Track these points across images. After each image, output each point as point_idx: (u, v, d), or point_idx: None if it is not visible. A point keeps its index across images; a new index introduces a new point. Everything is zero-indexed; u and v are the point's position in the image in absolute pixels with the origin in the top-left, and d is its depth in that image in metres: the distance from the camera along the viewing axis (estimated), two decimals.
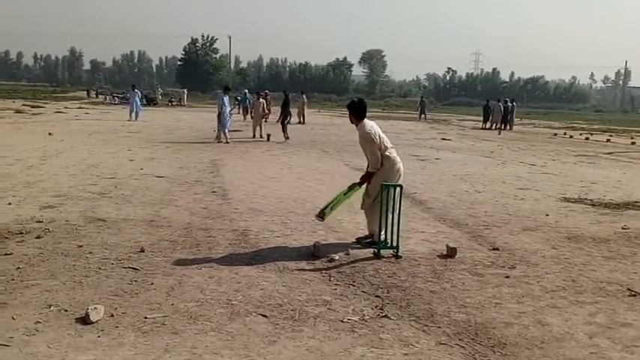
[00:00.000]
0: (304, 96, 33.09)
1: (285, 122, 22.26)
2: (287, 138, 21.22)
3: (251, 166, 13.92)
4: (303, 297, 5.08)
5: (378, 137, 6.82)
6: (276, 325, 4.43)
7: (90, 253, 6.12)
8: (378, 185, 6.66)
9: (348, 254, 6.44)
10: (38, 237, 6.61)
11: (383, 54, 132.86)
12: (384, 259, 6.31)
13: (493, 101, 37.40)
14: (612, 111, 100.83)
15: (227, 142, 19.36)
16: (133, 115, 29.94)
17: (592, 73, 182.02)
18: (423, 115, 44.90)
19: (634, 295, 5.45)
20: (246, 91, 34.84)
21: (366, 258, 6.36)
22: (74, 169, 11.98)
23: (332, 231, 7.56)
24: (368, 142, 6.84)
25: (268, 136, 21.34)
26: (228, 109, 20.46)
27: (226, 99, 20.57)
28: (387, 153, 6.88)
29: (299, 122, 31.00)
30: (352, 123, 7.11)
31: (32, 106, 37.62)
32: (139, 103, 31.13)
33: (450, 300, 5.15)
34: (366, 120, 7.00)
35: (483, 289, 5.47)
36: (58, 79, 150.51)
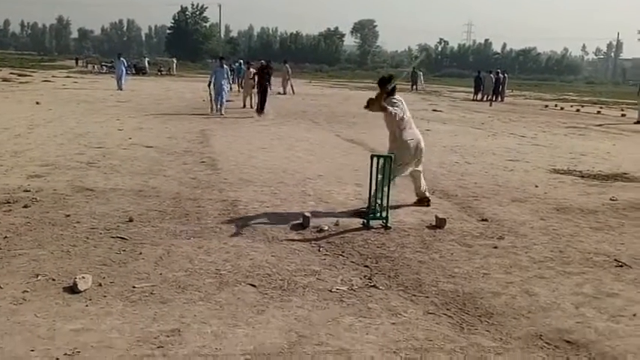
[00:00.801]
0: (287, 65, 32.26)
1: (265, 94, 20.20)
2: (260, 112, 19.38)
3: (241, 136, 13.85)
4: (292, 267, 5.08)
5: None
6: (265, 294, 4.44)
7: (78, 222, 6.09)
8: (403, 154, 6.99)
9: (337, 225, 6.44)
10: (25, 206, 6.56)
11: (375, 24, 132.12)
12: (373, 230, 6.31)
13: (484, 72, 37.27)
14: (604, 83, 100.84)
15: (221, 114, 18.52)
16: (120, 83, 29.48)
17: (584, 45, 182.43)
18: (415, 86, 44.73)
19: (620, 266, 5.49)
20: (241, 61, 34.28)
21: (355, 229, 6.37)
22: (62, 139, 11.88)
23: (321, 201, 7.56)
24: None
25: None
26: (225, 80, 19.16)
27: (223, 70, 19.23)
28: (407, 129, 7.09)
29: (280, 93, 30.33)
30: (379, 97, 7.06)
31: (19, 75, 37.16)
32: (124, 71, 30.61)
33: (438, 270, 5.17)
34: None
35: (472, 260, 5.50)
36: (46, 47, 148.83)
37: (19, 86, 28.18)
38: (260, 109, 19.59)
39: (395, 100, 7.06)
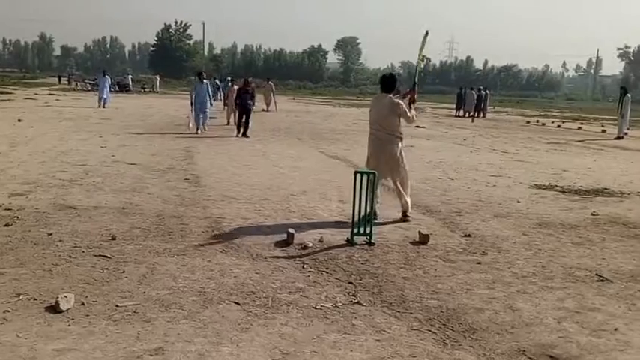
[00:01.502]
0: (271, 83, 32.62)
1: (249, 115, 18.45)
2: (245, 135, 17.86)
3: (224, 153, 13.84)
4: (276, 284, 5.08)
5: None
6: (249, 312, 4.43)
7: (60, 241, 6.04)
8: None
9: (321, 241, 6.45)
10: (7, 225, 6.50)
11: (358, 41, 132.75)
12: (357, 246, 6.33)
13: (467, 89, 37.63)
14: (584, 99, 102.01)
15: (201, 132, 17.93)
16: (102, 101, 29.23)
17: (564, 61, 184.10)
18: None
19: (602, 281, 5.55)
20: (229, 78, 34.22)
21: (339, 245, 6.38)
22: (44, 156, 11.80)
23: (305, 218, 7.57)
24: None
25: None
26: (204, 96, 18.15)
27: (203, 86, 18.40)
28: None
29: (264, 110, 30.40)
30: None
31: (1, 92, 36.91)
32: (108, 89, 30.43)
33: (422, 286, 5.19)
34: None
35: (455, 275, 5.53)
36: (28, 64, 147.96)
37: (1, 104, 27.96)
38: (244, 132, 17.94)
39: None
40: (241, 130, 17.99)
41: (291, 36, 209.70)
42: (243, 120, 18.07)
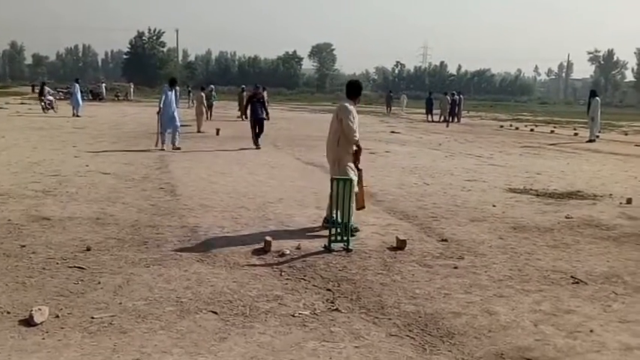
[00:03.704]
0: (245, 93, 32.51)
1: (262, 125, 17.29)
2: (256, 144, 16.96)
3: (200, 161, 13.77)
4: (253, 293, 5.05)
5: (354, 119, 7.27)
6: (227, 321, 4.40)
7: (33, 252, 5.95)
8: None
9: (298, 248, 6.44)
10: None
11: (332, 48, 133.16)
12: (335, 253, 6.33)
13: (440, 94, 38.03)
14: (556, 103, 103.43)
15: (162, 149, 15.51)
16: (77, 110, 29.02)
17: (536, 65, 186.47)
18: (389, 109, 45.31)
19: (577, 283, 5.61)
20: (213, 86, 33.98)
21: (317, 252, 6.37)
22: (16, 167, 11.63)
23: (283, 225, 7.55)
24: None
25: (217, 130, 21.24)
26: (173, 106, 16.15)
27: (171, 94, 16.19)
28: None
29: (238, 117, 30.50)
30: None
31: None
32: (79, 97, 30.15)
33: (399, 292, 5.20)
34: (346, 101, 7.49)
35: (432, 280, 5.55)
36: None
37: None
38: (256, 143, 16.96)
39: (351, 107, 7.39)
40: (258, 142, 16.94)
41: (267, 42, 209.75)
42: (257, 131, 17.02)
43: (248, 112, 18.00)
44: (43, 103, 31.42)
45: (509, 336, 4.30)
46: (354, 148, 7.31)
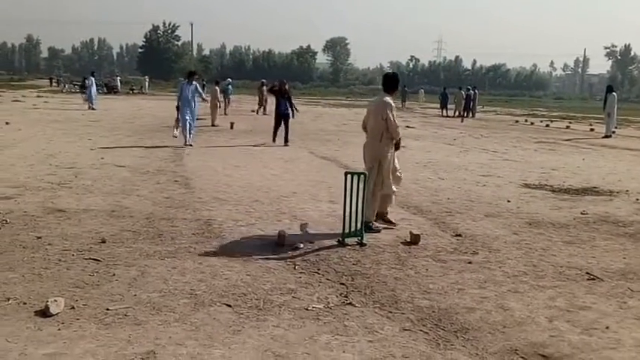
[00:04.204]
0: (265, 87, 32.35)
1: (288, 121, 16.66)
2: (283, 141, 16.50)
3: (214, 154, 13.81)
4: (267, 286, 5.06)
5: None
6: (241, 314, 4.41)
7: (49, 244, 6.00)
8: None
9: (312, 242, 6.44)
10: None
11: (346, 42, 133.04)
12: (349, 247, 6.32)
13: (455, 89, 37.88)
14: (572, 98, 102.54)
15: (184, 144, 15.07)
16: (92, 103, 29.20)
17: (552, 61, 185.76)
18: (404, 103, 45.24)
19: (592, 279, 5.57)
20: (230, 80, 34.00)
21: (330, 246, 6.37)
22: (32, 159, 11.72)
23: (296, 219, 7.55)
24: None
25: (232, 124, 21.30)
26: (192, 100, 15.41)
27: (190, 88, 15.42)
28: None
29: (253, 111, 30.60)
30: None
31: None
32: (94, 90, 30.32)
33: (413, 286, 5.19)
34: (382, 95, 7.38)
35: (446, 275, 5.53)
36: (15, 67, 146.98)
37: None
38: (285, 139, 16.48)
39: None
40: (276, 138, 16.60)
41: (281, 36, 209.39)
42: (281, 127, 16.54)
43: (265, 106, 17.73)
44: (84, 95, 31.57)
45: (524, 332, 4.28)
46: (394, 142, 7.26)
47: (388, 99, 7.25)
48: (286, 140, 16.48)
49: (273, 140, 16.70)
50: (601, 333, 4.31)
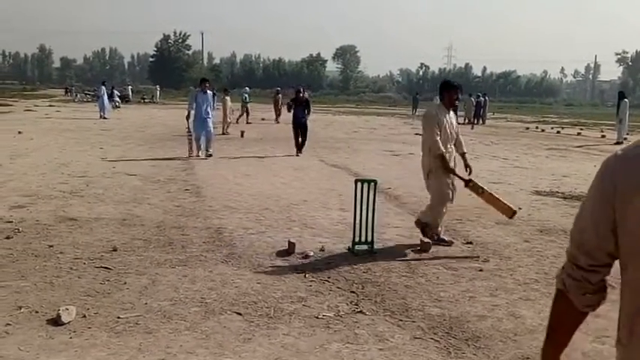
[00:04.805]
0: (280, 95, 32.29)
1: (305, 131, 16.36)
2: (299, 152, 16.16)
3: (224, 163, 13.85)
4: (277, 294, 5.06)
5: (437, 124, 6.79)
6: (251, 322, 4.41)
7: (61, 253, 6.03)
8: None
9: (322, 250, 6.44)
10: (8, 237, 6.50)
11: (356, 50, 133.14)
12: (359, 255, 6.32)
13: (465, 96, 37.75)
14: (582, 105, 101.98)
15: (197, 156, 14.71)
16: (104, 112, 29.39)
17: (562, 67, 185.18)
18: (414, 111, 45.20)
19: None
20: (247, 88, 34.02)
21: (341, 254, 6.37)
22: (44, 168, 11.81)
23: (307, 227, 7.56)
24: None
25: (242, 132, 21.37)
26: (207, 110, 14.83)
27: (206, 97, 15.00)
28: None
29: (265, 119, 30.71)
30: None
31: (1, 105, 36.96)
32: (105, 99, 30.55)
33: (424, 294, 5.18)
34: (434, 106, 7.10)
35: (457, 283, 5.51)
36: (28, 76, 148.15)
37: (1, 116, 28.01)
38: (299, 148, 16.20)
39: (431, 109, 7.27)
40: (299, 150, 16.11)
41: (291, 44, 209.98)
42: (300, 136, 16.16)
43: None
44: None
45: (536, 340, 4.25)
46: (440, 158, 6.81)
47: (432, 110, 7.14)
48: (300, 149, 16.12)
49: (297, 153, 16.01)
50: (613, 341, 4.25)
